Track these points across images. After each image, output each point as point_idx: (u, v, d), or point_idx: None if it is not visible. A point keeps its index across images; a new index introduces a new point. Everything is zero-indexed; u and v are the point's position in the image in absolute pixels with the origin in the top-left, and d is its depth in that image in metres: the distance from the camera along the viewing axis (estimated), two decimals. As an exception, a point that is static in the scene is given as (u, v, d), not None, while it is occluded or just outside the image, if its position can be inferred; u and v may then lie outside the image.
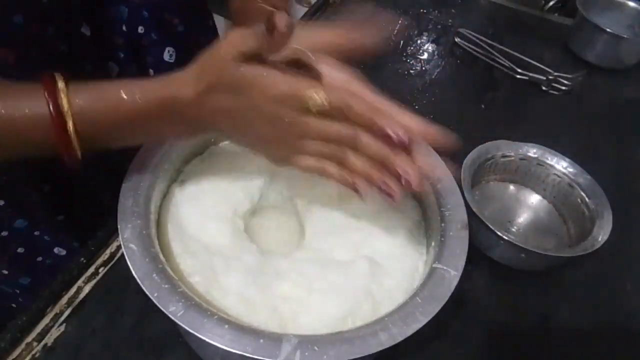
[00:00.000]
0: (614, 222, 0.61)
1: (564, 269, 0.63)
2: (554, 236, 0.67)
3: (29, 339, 0.49)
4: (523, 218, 0.69)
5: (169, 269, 0.40)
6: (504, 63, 0.92)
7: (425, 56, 0.95)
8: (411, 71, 0.91)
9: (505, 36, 0.97)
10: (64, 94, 0.37)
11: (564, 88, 0.90)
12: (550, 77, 0.89)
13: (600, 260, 0.61)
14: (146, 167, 0.46)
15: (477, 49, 0.95)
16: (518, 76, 0.91)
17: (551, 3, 1.12)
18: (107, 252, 0.56)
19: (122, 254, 0.55)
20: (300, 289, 0.43)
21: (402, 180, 0.37)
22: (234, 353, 0.35)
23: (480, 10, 1.09)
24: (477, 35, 0.96)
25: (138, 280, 0.38)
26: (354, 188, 0.40)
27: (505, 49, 0.93)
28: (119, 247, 0.56)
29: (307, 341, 0.36)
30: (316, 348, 0.36)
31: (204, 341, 0.36)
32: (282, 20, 0.35)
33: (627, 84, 0.97)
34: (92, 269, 0.54)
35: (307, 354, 0.36)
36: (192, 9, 0.64)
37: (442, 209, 0.48)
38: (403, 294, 0.44)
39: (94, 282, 0.54)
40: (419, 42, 0.98)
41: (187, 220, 0.47)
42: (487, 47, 0.94)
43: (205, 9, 0.68)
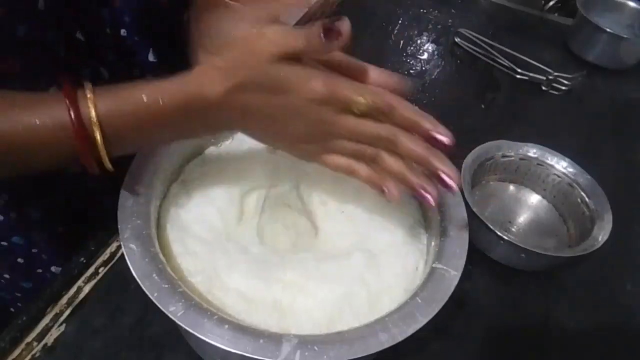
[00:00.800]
0: (614, 222, 0.61)
1: (564, 269, 0.63)
2: (554, 236, 0.67)
3: (29, 339, 0.49)
4: (523, 218, 0.69)
5: (169, 269, 0.40)
6: (504, 63, 0.92)
7: (425, 56, 0.95)
8: (411, 71, 0.91)
9: (505, 36, 0.97)
10: (91, 103, 0.35)
11: (564, 88, 0.90)
12: (550, 77, 0.89)
13: (600, 260, 0.61)
14: (146, 168, 0.46)
15: (477, 49, 0.95)
16: (518, 76, 0.91)
17: (551, 3, 1.12)
18: (107, 252, 0.56)
19: (122, 254, 0.55)
20: (300, 279, 0.43)
21: (442, 181, 0.37)
22: (234, 353, 0.35)
23: (480, 10, 1.09)
24: (477, 35, 0.96)
25: (138, 280, 0.38)
26: (381, 189, 0.39)
27: (505, 49, 0.93)
28: (119, 247, 0.56)
29: (307, 341, 0.36)
30: (316, 348, 0.36)
31: (204, 341, 0.36)
32: (345, 25, 0.33)
33: (627, 84, 0.97)
34: (92, 269, 0.54)
35: (307, 354, 0.36)
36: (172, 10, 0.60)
37: (442, 208, 0.48)
38: (403, 291, 0.44)
39: (94, 282, 0.54)
40: (419, 42, 0.98)
41: (187, 220, 0.47)
42: (487, 47, 0.94)
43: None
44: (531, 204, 0.71)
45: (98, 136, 0.35)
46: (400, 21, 1.02)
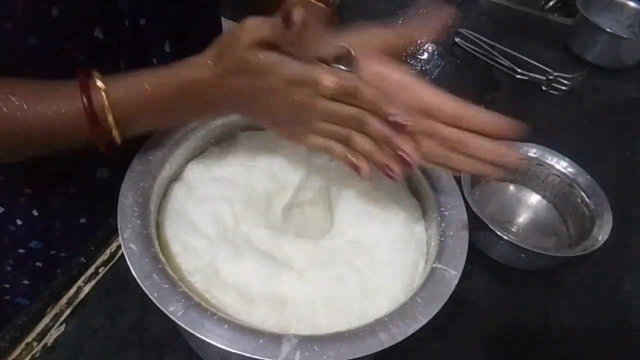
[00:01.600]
0: (614, 222, 0.61)
1: (564, 269, 0.63)
2: (554, 236, 0.67)
3: (29, 339, 0.49)
4: (523, 218, 0.69)
5: (169, 268, 0.40)
6: (504, 63, 0.92)
7: (425, 56, 0.95)
8: (411, 71, 0.91)
9: (505, 36, 0.97)
10: (104, 91, 0.41)
11: (564, 88, 0.90)
12: (550, 77, 0.89)
13: (600, 260, 0.61)
14: (146, 167, 0.46)
15: (477, 49, 0.95)
16: (518, 76, 0.91)
17: (551, 3, 1.12)
18: (107, 252, 0.56)
19: (122, 254, 0.55)
20: (302, 275, 0.44)
21: (402, 159, 0.40)
22: (234, 353, 0.35)
23: (480, 10, 1.09)
24: (477, 35, 0.96)
25: (138, 280, 0.38)
26: (354, 167, 0.42)
27: (505, 49, 0.93)
28: (119, 247, 0.56)
29: (307, 341, 0.36)
30: (316, 348, 0.36)
31: (204, 341, 0.36)
32: (298, 14, 0.38)
33: (627, 84, 0.97)
34: (92, 269, 0.55)
35: (307, 354, 0.36)
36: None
37: (441, 209, 0.48)
38: (402, 288, 0.44)
39: (94, 282, 0.54)
40: (419, 42, 0.98)
41: (187, 218, 0.47)
42: (487, 47, 0.94)
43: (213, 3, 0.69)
44: (531, 204, 0.71)
45: (110, 120, 0.41)
46: (400, 21, 1.02)
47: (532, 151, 0.69)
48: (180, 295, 0.38)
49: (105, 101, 0.41)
